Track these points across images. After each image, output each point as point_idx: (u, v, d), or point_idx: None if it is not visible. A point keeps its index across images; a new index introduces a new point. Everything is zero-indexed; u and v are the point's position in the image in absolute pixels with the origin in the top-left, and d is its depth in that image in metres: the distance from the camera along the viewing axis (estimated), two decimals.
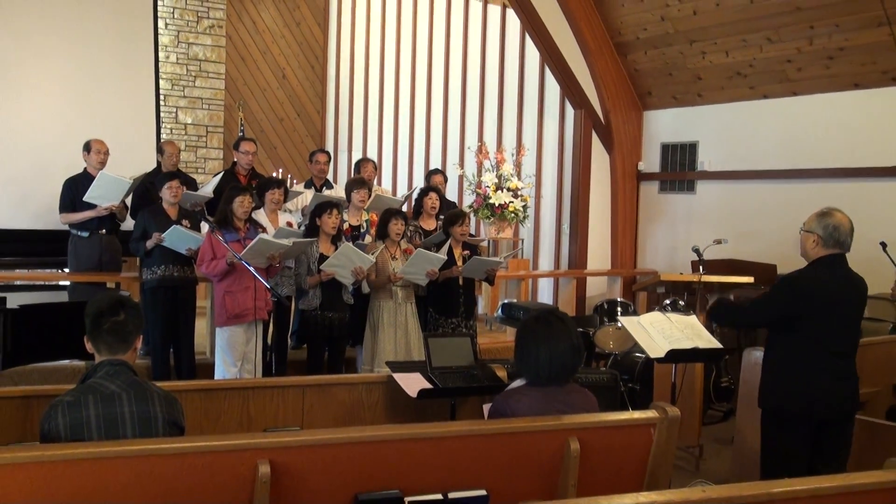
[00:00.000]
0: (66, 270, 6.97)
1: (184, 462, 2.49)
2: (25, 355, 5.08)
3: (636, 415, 3.11)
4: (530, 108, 9.84)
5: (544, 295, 9.70)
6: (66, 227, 6.63)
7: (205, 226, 6.12)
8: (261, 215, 6.10)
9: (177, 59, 11.41)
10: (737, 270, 7.42)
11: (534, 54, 9.50)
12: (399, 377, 4.01)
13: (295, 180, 9.89)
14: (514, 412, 3.02)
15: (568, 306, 9.00)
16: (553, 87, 9.42)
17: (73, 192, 6.45)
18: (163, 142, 7.93)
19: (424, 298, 6.22)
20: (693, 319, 5.23)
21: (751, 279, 7.21)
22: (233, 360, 5.59)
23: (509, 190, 8.72)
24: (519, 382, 3.20)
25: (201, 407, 3.71)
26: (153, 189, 6.25)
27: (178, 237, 5.73)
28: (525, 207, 8.83)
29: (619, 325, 6.41)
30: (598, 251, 9.28)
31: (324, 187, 7.22)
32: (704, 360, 5.86)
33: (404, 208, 6.98)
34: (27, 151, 8.07)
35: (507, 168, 8.87)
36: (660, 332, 4.96)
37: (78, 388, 2.75)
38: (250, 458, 2.54)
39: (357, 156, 11.07)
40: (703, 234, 7.65)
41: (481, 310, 8.47)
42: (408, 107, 11.53)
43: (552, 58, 8.82)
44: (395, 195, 8.88)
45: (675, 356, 4.89)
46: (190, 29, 11.49)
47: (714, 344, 5.05)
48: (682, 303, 6.89)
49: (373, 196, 6.88)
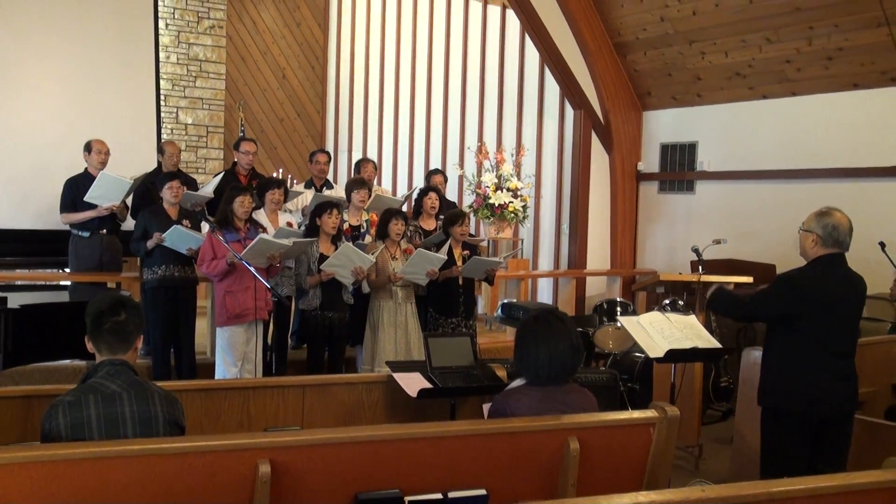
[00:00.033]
0: (67, 270, 6.96)
1: (184, 461, 2.50)
2: (26, 355, 5.07)
3: (635, 414, 3.11)
4: (530, 109, 9.83)
5: (544, 295, 9.71)
6: (67, 227, 6.63)
7: (205, 226, 6.12)
8: (261, 215, 6.09)
9: (177, 59, 11.41)
10: (736, 270, 7.43)
11: (533, 55, 9.50)
12: (399, 377, 4.01)
13: (295, 180, 9.89)
14: (513, 412, 3.02)
15: (567, 306, 9.00)
16: (553, 88, 9.42)
17: (74, 192, 6.45)
18: (163, 142, 7.92)
19: (424, 298, 6.22)
20: (692, 319, 5.21)
21: (750, 279, 7.22)
22: (233, 360, 5.59)
23: (509, 190, 8.71)
24: (518, 382, 3.20)
25: (202, 406, 3.70)
26: (154, 189, 6.24)
27: (179, 237, 5.74)
28: (525, 207, 8.82)
29: (619, 324, 6.41)
30: (598, 251, 9.28)
31: (324, 187, 7.21)
32: (703, 360, 5.86)
33: (404, 208, 6.98)
34: (28, 151, 8.07)
35: (507, 168, 8.86)
36: (659, 332, 4.94)
37: (79, 388, 2.75)
38: (251, 458, 2.54)
39: (357, 156, 11.07)
40: (702, 234, 7.65)
41: (481, 310, 8.46)
42: (408, 107, 11.53)
43: (552, 58, 8.82)
44: (394, 195, 8.88)
45: (675, 356, 4.87)
46: (190, 29, 11.49)
47: (713, 344, 5.04)
48: (681, 303, 6.88)
49: (373, 196, 6.88)
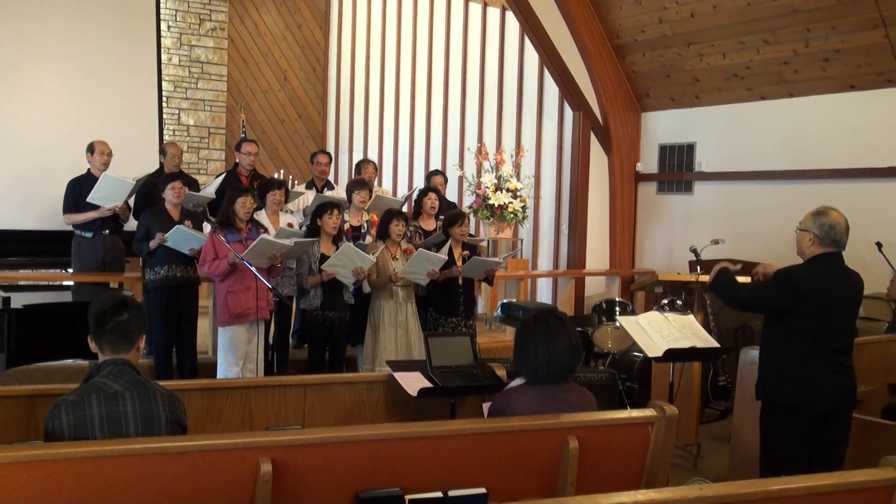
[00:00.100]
0: (70, 271, 6.99)
1: (186, 461, 2.51)
2: (29, 355, 5.07)
3: (634, 413, 3.12)
4: (529, 110, 9.84)
5: (543, 295, 9.72)
6: (70, 228, 6.66)
7: (207, 226, 6.13)
8: (262, 216, 6.11)
9: (179, 61, 11.44)
10: None
11: (533, 56, 9.51)
12: (399, 376, 4.00)
13: (296, 181, 9.91)
14: (513, 411, 3.03)
15: (566, 306, 9.01)
16: (552, 89, 9.42)
17: (77, 192, 6.48)
18: (165, 143, 7.94)
19: (424, 298, 6.23)
20: (690, 319, 5.21)
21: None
22: (235, 360, 5.61)
23: (508, 191, 8.72)
24: (518, 381, 3.21)
25: (204, 406, 3.70)
26: (156, 190, 6.26)
27: (182, 237, 5.76)
28: (524, 208, 8.83)
29: (618, 324, 6.43)
30: (597, 251, 9.28)
31: (325, 188, 7.22)
32: (702, 360, 5.88)
33: (404, 209, 7.01)
34: (31, 153, 8.08)
35: (507, 169, 8.87)
36: (658, 332, 4.94)
37: (81, 388, 2.75)
38: (252, 457, 2.55)
39: (358, 157, 11.08)
40: (700, 235, 7.65)
41: (481, 309, 8.47)
42: (408, 108, 11.54)
43: (551, 60, 8.83)
44: (395, 196, 8.90)
45: (673, 355, 4.88)
46: (192, 31, 11.52)
47: (711, 343, 5.05)
48: (679, 302, 6.87)
49: (373, 197, 6.90)
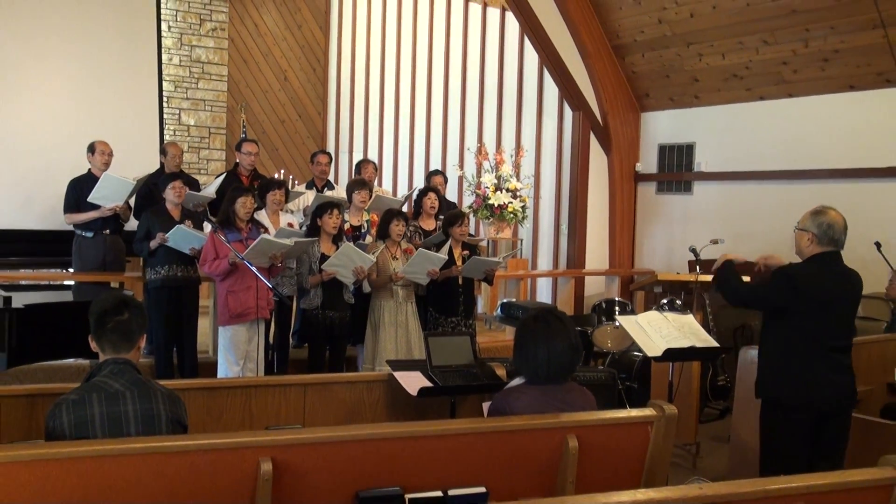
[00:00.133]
0: (71, 270, 7.00)
1: (187, 460, 2.51)
2: (30, 354, 5.06)
3: (634, 413, 3.13)
4: (529, 110, 9.85)
5: (543, 294, 9.73)
6: (71, 228, 6.67)
7: (207, 226, 6.14)
8: (263, 216, 6.11)
9: (180, 61, 11.45)
10: None
11: (532, 57, 9.52)
12: (399, 376, 4.01)
13: (296, 181, 9.93)
14: (513, 410, 3.04)
15: (566, 305, 9.02)
16: (552, 89, 9.43)
17: (78, 192, 6.49)
18: (166, 143, 7.94)
19: (424, 298, 6.24)
20: (690, 319, 5.23)
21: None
22: (235, 359, 5.62)
23: (508, 191, 8.73)
24: (518, 381, 3.21)
25: (204, 405, 3.70)
26: (156, 190, 6.26)
27: (182, 237, 5.77)
28: (524, 208, 8.84)
29: (617, 324, 6.43)
30: (596, 251, 9.29)
31: (325, 188, 7.22)
32: (701, 359, 5.89)
33: (404, 209, 7.02)
34: (32, 153, 8.09)
35: (507, 169, 8.88)
36: (657, 331, 4.95)
37: (82, 387, 2.75)
38: (252, 456, 2.55)
39: (358, 157, 11.08)
40: (699, 235, 7.66)
41: (481, 309, 8.48)
42: (408, 108, 11.55)
43: (551, 60, 8.84)
44: (395, 196, 8.91)
45: (673, 355, 4.89)
46: (193, 31, 11.53)
47: (710, 343, 5.06)
48: (679, 302, 6.88)
49: (373, 197, 6.91)
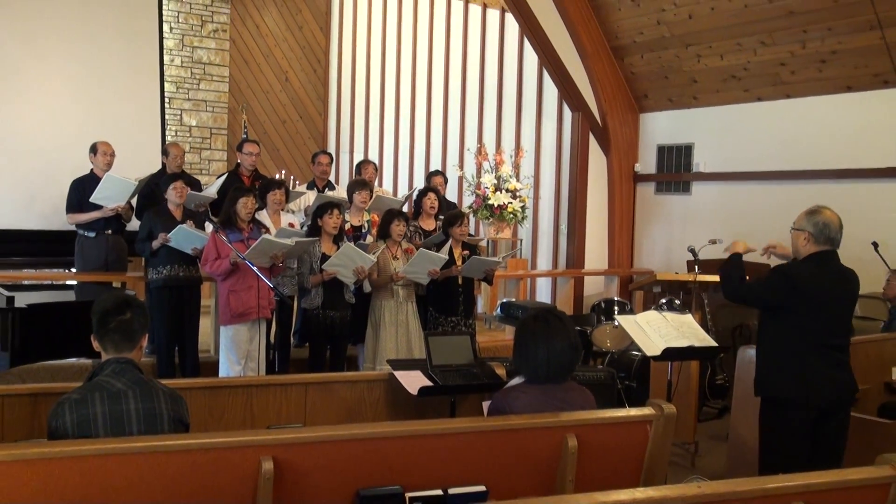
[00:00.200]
0: (73, 270, 7.01)
1: (188, 459, 2.51)
2: (33, 353, 5.07)
3: (633, 412, 3.14)
4: (529, 111, 9.87)
5: (542, 294, 9.75)
6: (73, 228, 6.69)
7: (209, 226, 6.16)
8: (264, 216, 6.13)
9: (181, 62, 11.48)
10: None
11: (532, 58, 9.53)
12: (400, 375, 4.01)
13: (297, 181, 9.95)
14: (512, 409, 3.05)
15: (566, 305, 9.04)
16: (551, 90, 9.46)
17: (80, 193, 6.51)
18: (167, 144, 7.93)
19: (424, 297, 6.25)
20: (688, 318, 5.22)
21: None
22: (237, 358, 5.64)
23: (508, 191, 8.75)
24: (518, 380, 3.22)
25: (206, 404, 3.69)
26: (158, 190, 6.27)
27: (184, 237, 5.78)
28: (523, 208, 8.87)
29: (616, 323, 6.45)
30: (596, 251, 9.31)
31: (326, 188, 7.23)
32: (700, 359, 5.89)
33: (404, 209, 7.04)
34: (34, 153, 8.11)
35: (506, 169, 8.91)
36: (656, 331, 4.95)
37: (85, 386, 2.75)
38: (254, 455, 2.55)
39: (358, 157, 11.09)
40: (698, 235, 7.66)
41: (480, 309, 8.50)
42: (408, 109, 11.57)
43: (550, 61, 8.86)
44: (395, 196, 8.94)
45: (671, 354, 4.88)
46: (194, 33, 11.56)
47: (709, 342, 5.06)
48: (677, 302, 6.89)
49: (374, 197, 6.93)
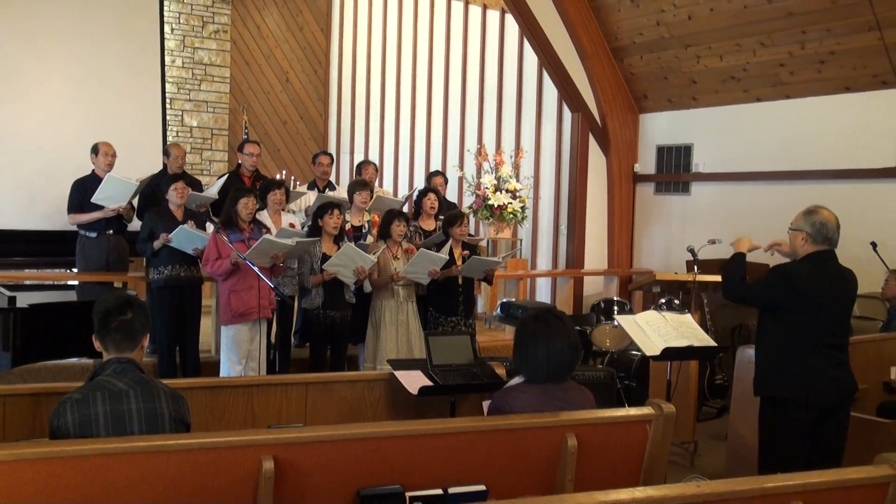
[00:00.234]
0: (75, 270, 7.02)
1: (189, 458, 2.52)
2: (35, 353, 5.06)
3: (632, 411, 3.15)
4: (528, 112, 9.88)
5: (542, 294, 9.76)
6: (75, 228, 6.69)
7: (210, 226, 6.17)
8: (264, 216, 6.14)
9: (182, 63, 11.50)
10: None
11: (532, 59, 9.55)
12: (400, 374, 4.01)
13: (298, 182, 9.96)
14: (512, 409, 3.06)
15: (565, 305, 9.04)
16: (551, 91, 9.47)
17: (81, 193, 6.52)
18: (169, 144, 7.95)
19: (424, 297, 6.26)
20: (688, 318, 5.23)
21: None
22: (237, 358, 5.65)
23: (508, 191, 8.77)
24: (517, 380, 3.23)
25: (206, 404, 3.70)
26: (159, 191, 6.28)
27: (186, 237, 5.80)
28: (523, 208, 8.88)
29: (616, 323, 6.45)
30: (595, 251, 9.32)
31: (326, 188, 7.24)
32: (699, 358, 5.90)
33: (405, 209, 7.05)
34: (35, 154, 8.09)
35: (506, 170, 8.92)
36: (655, 331, 4.95)
37: (86, 386, 2.76)
38: (254, 455, 2.56)
39: (359, 158, 11.12)
40: (697, 235, 7.67)
41: (480, 308, 8.51)
42: (408, 110, 11.58)
43: (550, 62, 8.87)
44: (395, 196, 8.95)
45: (671, 354, 4.89)
46: (195, 34, 11.58)
47: (708, 342, 5.06)
48: (677, 302, 6.89)
49: (374, 197, 6.94)
